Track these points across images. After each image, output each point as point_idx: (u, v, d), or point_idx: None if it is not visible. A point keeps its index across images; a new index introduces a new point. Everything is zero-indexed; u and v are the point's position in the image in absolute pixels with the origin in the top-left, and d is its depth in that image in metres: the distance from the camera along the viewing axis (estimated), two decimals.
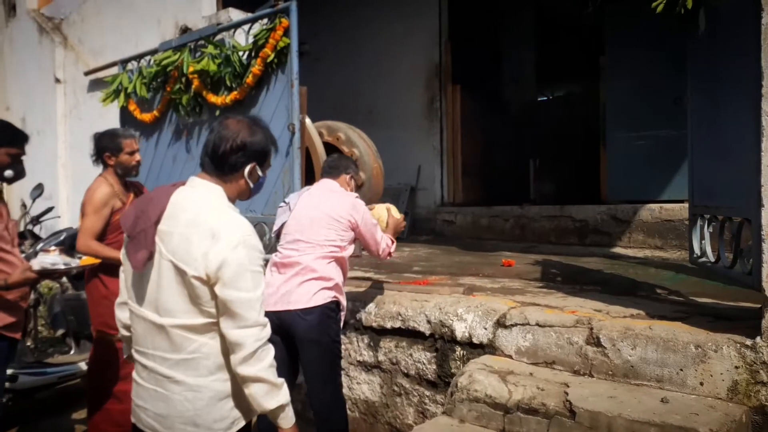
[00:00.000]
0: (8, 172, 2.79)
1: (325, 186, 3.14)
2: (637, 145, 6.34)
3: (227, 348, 1.75)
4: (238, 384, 1.78)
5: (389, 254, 3.19)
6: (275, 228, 3.12)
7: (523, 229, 6.73)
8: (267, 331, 1.76)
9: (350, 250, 3.03)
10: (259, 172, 1.89)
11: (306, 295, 2.78)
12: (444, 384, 3.04)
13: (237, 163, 1.81)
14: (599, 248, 5.70)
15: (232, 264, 1.67)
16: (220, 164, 1.81)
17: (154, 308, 1.76)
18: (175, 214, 1.75)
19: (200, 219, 1.72)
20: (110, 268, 3.23)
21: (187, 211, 1.74)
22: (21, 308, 2.86)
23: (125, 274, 1.90)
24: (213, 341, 1.75)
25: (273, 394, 1.75)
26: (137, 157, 3.45)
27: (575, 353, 2.64)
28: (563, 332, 2.69)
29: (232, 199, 1.85)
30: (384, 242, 3.13)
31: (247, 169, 1.83)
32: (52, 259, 2.60)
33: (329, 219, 2.92)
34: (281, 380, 1.78)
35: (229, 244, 1.67)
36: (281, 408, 1.77)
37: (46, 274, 2.66)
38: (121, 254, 1.90)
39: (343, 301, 2.98)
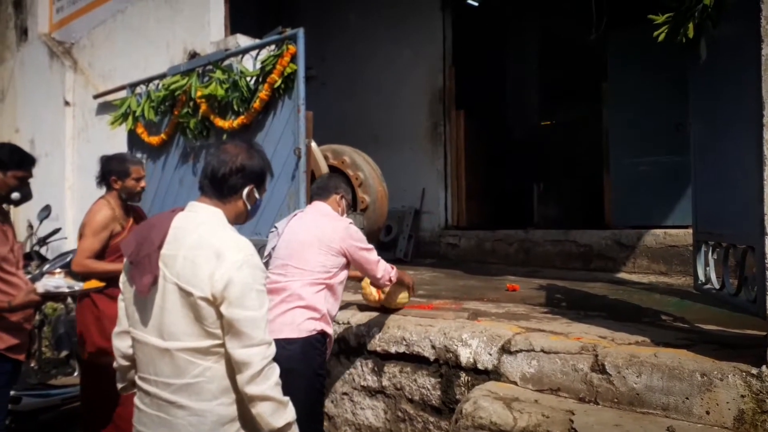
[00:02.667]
0: (15, 195, 2.84)
1: (317, 209, 3.06)
2: (641, 171, 6.36)
3: (231, 371, 1.76)
4: (242, 407, 1.79)
5: (389, 280, 3.10)
6: (265, 253, 3.01)
7: (527, 253, 6.73)
8: (272, 350, 1.79)
9: (343, 276, 2.92)
10: (257, 195, 1.94)
11: (290, 324, 2.67)
12: (448, 410, 3.02)
13: (236, 185, 1.87)
14: (604, 273, 5.68)
15: (237, 283, 1.70)
16: (220, 187, 1.86)
17: (158, 332, 1.77)
18: (178, 238, 1.78)
19: (204, 241, 1.75)
20: (102, 289, 3.23)
21: (189, 234, 1.78)
22: (25, 330, 2.88)
23: (125, 302, 1.91)
24: (217, 365, 1.76)
25: (281, 413, 1.76)
26: (143, 183, 3.50)
27: (580, 380, 2.62)
28: (568, 359, 2.68)
29: (230, 222, 1.89)
30: (382, 267, 3.03)
31: (245, 191, 1.89)
32: (55, 282, 2.63)
33: (320, 244, 2.82)
34: (287, 398, 1.80)
35: (233, 265, 1.71)
36: (288, 426, 1.78)
37: (49, 296, 2.68)
38: (121, 282, 1.92)
39: (330, 332, 2.85)
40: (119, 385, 2.04)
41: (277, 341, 2.54)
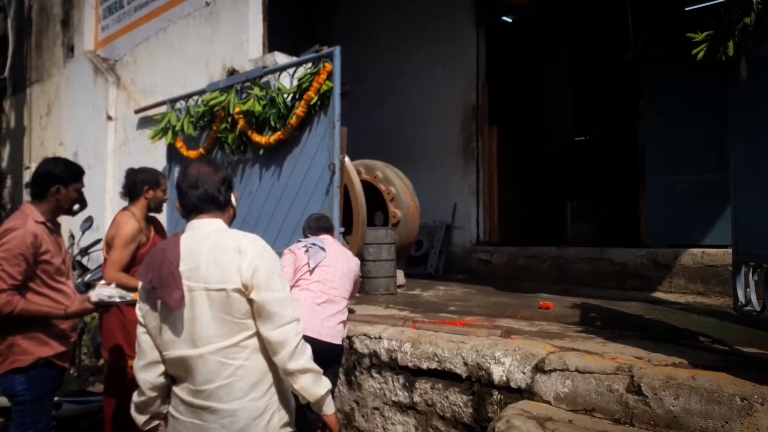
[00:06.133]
0: (76, 206, 2.99)
1: (336, 243, 3.80)
2: (678, 189, 6.26)
3: (261, 365, 1.90)
4: (274, 392, 1.93)
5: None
6: (315, 263, 3.50)
7: (560, 271, 6.66)
8: (302, 327, 1.94)
9: None
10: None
11: (339, 335, 3.42)
12: (480, 428, 3.01)
13: (227, 195, 2.07)
14: (639, 293, 5.59)
15: (262, 269, 1.87)
16: (218, 202, 2.03)
17: (190, 343, 1.86)
18: (192, 252, 1.90)
19: (219, 243, 1.90)
20: None
21: (202, 244, 1.91)
22: (70, 338, 2.98)
23: (151, 331, 1.96)
24: (247, 362, 1.87)
25: (320, 382, 1.95)
26: (167, 196, 3.75)
27: (615, 401, 2.59)
28: (603, 379, 2.65)
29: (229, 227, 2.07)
30: None
31: (233, 197, 2.11)
32: (108, 292, 2.74)
33: (352, 275, 3.67)
34: (320, 369, 1.97)
35: (255, 254, 1.89)
36: (328, 393, 1.96)
37: (102, 305, 2.78)
38: (141, 315, 1.98)
39: None
40: (141, 419, 2.05)
41: (328, 343, 3.27)
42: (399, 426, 3.44)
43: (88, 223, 5.75)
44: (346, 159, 4.88)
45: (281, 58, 5.45)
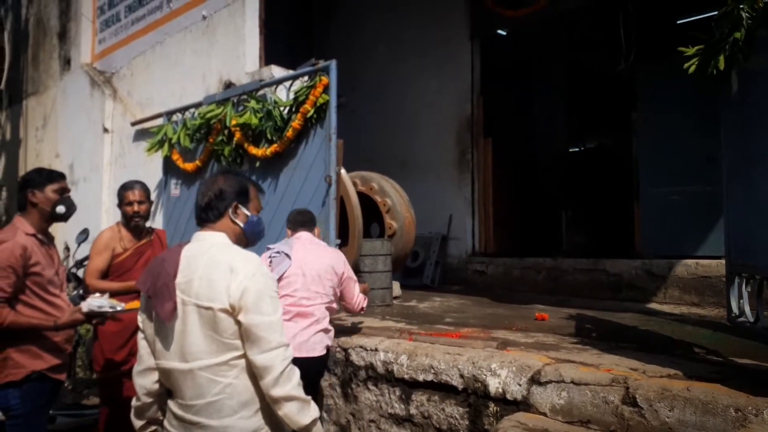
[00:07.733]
0: (60, 208, 2.93)
1: (312, 240, 3.54)
2: (671, 201, 6.30)
3: (252, 383, 1.86)
4: (262, 416, 1.88)
5: (362, 308, 3.67)
6: (278, 274, 3.31)
7: (556, 282, 6.68)
8: (290, 351, 1.89)
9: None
10: (246, 211, 2.05)
11: (319, 344, 3.28)
12: None
13: (220, 207, 2.00)
14: (634, 303, 5.61)
15: (252, 291, 1.82)
16: (207, 214, 2.00)
17: (180, 356, 1.86)
18: (190, 264, 1.90)
19: (215, 260, 1.88)
20: None
21: (202, 257, 1.90)
22: (65, 351, 2.97)
23: (147, 338, 1.99)
24: (236, 381, 1.85)
25: (306, 410, 1.87)
26: (135, 207, 3.69)
27: (611, 413, 2.60)
28: (599, 391, 2.66)
29: (235, 243, 2.01)
30: (359, 296, 3.61)
31: (230, 211, 2.01)
32: (98, 302, 2.74)
33: (331, 272, 3.39)
34: (309, 397, 1.91)
35: (247, 275, 1.83)
36: (314, 422, 1.88)
37: (92, 316, 2.78)
38: (140, 321, 2.01)
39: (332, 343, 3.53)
40: (138, 423, 2.07)
41: (310, 358, 3.17)
42: None
43: (84, 235, 5.75)
44: (342, 171, 4.90)
45: (277, 71, 5.48)
